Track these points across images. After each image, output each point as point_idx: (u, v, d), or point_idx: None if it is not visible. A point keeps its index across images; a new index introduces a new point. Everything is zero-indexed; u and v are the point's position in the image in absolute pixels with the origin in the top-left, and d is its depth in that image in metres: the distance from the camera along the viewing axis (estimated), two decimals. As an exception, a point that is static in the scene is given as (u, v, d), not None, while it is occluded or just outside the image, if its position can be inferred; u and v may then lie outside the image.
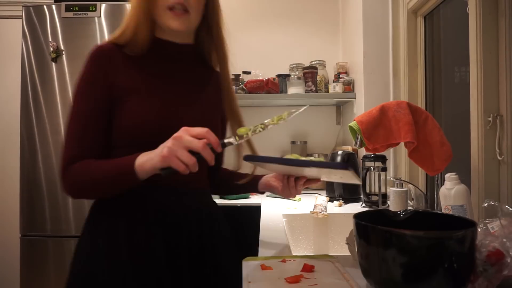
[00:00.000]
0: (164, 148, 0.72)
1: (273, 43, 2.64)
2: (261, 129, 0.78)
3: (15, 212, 2.28)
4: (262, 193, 1.10)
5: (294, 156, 0.88)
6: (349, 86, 2.24)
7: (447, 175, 1.12)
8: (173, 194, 0.90)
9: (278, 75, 2.37)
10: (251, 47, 2.63)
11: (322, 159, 0.84)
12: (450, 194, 1.09)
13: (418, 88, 1.78)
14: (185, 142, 0.71)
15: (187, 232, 0.88)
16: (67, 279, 0.88)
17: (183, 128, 0.73)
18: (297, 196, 1.95)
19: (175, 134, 0.72)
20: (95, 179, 0.81)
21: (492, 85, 1.11)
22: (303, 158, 0.84)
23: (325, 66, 2.46)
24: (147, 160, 0.76)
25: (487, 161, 1.11)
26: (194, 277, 0.87)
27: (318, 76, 2.35)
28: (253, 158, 0.89)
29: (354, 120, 1.28)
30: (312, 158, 0.86)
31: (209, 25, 0.96)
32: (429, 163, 1.21)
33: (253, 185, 1.07)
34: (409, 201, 1.62)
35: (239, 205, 1.94)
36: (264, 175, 1.07)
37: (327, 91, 2.36)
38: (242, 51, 2.59)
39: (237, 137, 0.78)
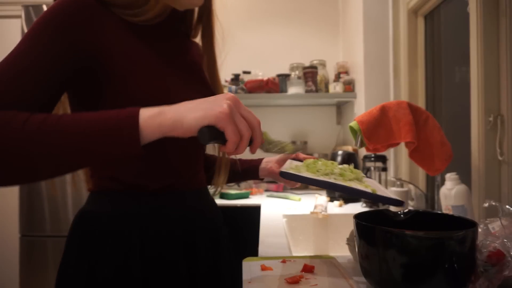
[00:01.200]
0: (223, 102, 0.52)
1: (273, 43, 2.64)
2: (278, 150, 0.67)
3: (14, 212, 2.28)
4: (262, 179, 0.99)
5: (323, 165, 0.75)
6: (349, 86, 2.24)
7: (448, 175, 1.12)
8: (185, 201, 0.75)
9: (278, 75, 2.37)
10: (251, 47, 2.63)
11: (367, 186, 0.71)
12: (450, 194, 1.09)
13: (418, 88, 1.78)
14: (243, 109, 0.55)
15: (203, 243, 0.77)
16: None
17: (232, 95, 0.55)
18: (297, 196, 1.95)
19: (227, 95, 0.54)
20: (55, 134, 0.51)
21: (492, 85, 1.10)
22: (356, 186, 0.70)
23: (325, 66, 2.45)
24: (164, 112, 0.52)
25: (488, 161, 1.11)
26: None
27: (318, 76, 2.35)
28: (295, 177, 0.68)
29: (355, 120, 1.27)
30: (368, 186, 0.72)
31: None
32: (430, 163, 1.20)
33: (252, 172, 0.98)
34: (409, 201, 1.62)
35: (239, 205, 1.93)
36: (262, 158, 1.00)
37: (327, 91, 2.35)
38: (242, 51, 2.60)
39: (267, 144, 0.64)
